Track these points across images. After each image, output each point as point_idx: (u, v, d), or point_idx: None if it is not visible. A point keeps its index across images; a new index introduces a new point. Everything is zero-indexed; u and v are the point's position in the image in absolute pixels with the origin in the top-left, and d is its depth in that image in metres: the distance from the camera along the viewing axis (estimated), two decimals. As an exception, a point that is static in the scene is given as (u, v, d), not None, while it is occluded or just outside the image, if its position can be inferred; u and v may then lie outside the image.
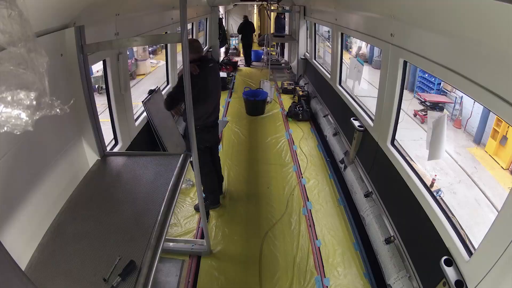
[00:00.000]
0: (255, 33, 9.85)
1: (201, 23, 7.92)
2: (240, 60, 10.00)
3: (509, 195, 1.33)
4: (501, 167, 5.69)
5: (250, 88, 6.14)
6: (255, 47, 12.27)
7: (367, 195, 2.87)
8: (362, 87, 3.85)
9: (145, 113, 3.46)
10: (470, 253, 1.65)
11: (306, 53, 7.18)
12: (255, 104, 5.58)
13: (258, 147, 4.48)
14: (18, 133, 0.78)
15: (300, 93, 5.96)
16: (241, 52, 10.49)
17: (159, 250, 1.46)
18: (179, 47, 2.02)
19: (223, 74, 7.69)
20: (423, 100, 8.43)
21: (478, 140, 6.54)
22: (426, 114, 7.54)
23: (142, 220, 1.59)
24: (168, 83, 4.53)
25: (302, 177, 3.76)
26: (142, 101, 3.44)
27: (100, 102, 2.86)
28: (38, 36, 1.47)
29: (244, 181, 3.65)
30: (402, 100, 2.61)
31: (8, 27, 0.72)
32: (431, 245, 2.00)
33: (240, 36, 10.31)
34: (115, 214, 1.65)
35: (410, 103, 8.37)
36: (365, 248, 2.69)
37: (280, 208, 3.21)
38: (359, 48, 11.54)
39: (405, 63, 2.46)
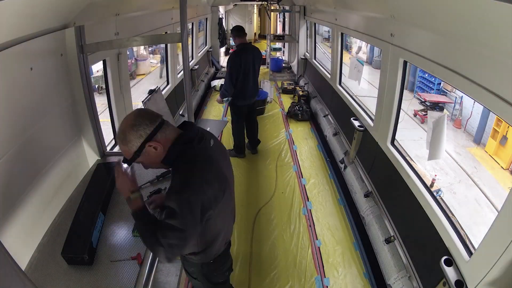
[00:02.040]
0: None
1: (201, 23, 7.91)
2: None
3: (509, 195, 1.33)
4: (501, 167, 5.69)
5: None
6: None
7: (367, 195, 2.87)
8: (362, 87, 3.86)
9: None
10: (470, 253, 1.65)
11: (306, 53, 7.18)
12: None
13: (258, 147, 4.47)
14: None
15: (300, 93, 5.96)
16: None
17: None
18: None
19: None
20: (423, 100, 8.43)
21: (478, 140, 6.55)
22: (426, 114, 7.55)
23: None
24: (168, 83, 4.53)
25: (302, 177, 3.76)
26: (142, 101, 3.44)
27: (100, 102, 2.86)
28: (38, 36, 1.47)
29: (244, 181, 3.65)
30: (402, 100, 2.61)
31: None
32: (431, 245, 2.00)
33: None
34: (115, 214, 1.65)
35: (410, 103, 8.38)
36: (365, 248, 2.68)
37: (280, 208, 3.21)
38: (359, 48, 11.54)
39: (405, 63, 2.46)
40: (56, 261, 1.38)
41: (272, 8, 8.12)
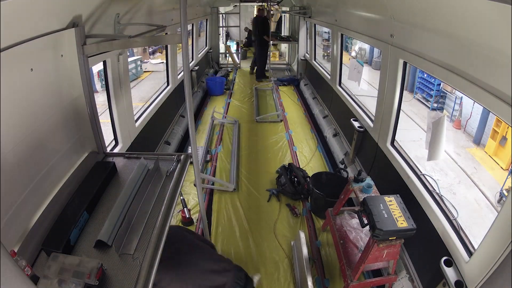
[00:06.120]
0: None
1: (201, 24, 7.93)
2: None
3: (508, 195, 1.34)
4: (501, 167, 5.69)
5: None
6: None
7: (367, 195, 2.87)
8: (362, 87, 3.86)
9: (145, 114, 3.47)
10: (470, 253, 1.65)
11: (306, 54, 7.19)
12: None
13: (258, 147, 4.48)
14: None
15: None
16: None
17: (160, 250, 1.46)
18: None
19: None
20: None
21: (477, 140, 6.54)
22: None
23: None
24: (168, 84, 4.53)
25: (302, 178, 3.75)
26: None
27: (100, 102, 2.86)
28: (39, 37, 1.48)
29: (244, 181, 3.65)
30: (402, 101, 2.62)
31: None
32: (431, 245, 2.00)
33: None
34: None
35: (410, 104, 8.39)
36: (365, 249, 2.68)
37: (280, 209, 3.21)
38: (360, 48, 11.56)
39: (405, 64, 2.47)
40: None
41: (273, 9, 8.13)
